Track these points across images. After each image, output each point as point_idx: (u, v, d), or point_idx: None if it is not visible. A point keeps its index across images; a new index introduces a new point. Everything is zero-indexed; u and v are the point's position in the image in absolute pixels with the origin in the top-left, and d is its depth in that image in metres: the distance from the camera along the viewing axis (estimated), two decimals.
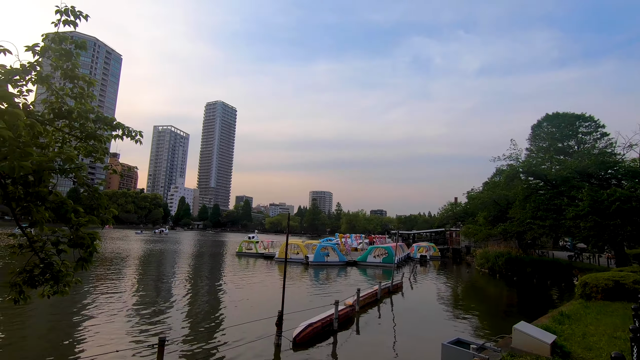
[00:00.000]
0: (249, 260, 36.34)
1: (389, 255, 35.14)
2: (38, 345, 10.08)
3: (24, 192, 3.25)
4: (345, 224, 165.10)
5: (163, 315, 13.47)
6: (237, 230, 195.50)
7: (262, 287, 21.19)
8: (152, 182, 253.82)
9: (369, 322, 13.66)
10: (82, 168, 3.55)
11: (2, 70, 3.47)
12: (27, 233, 3.44)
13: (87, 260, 3.76)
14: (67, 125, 4.29)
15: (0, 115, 2.73)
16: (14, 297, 3.54)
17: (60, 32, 3.95)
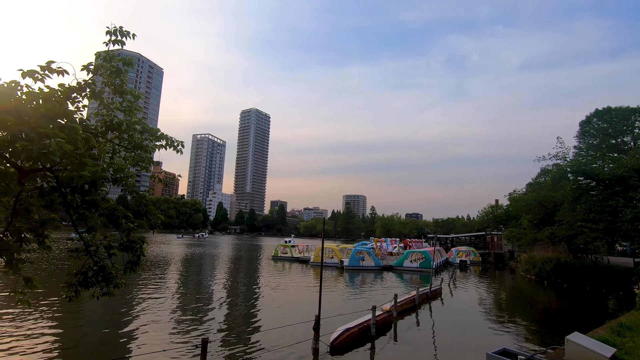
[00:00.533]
0: (284, 264, 36.78)
1: (426, 260, 34.16)
2: (91, 342, 10.80)
3: (80, 200, 3.51)
4: (380, 228, 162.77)
5: (204, 317, 13.94)
6: (273, 234, 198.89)
7: (298, 290, 21.35)
8: (192, 189, 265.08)
9: (408, 328, 13.32)
10: (132, 177, 3.76)
11: (62, 89, 3.78)
12: (83, 237, 3.68)
13: (136, 263, 3.97)
14: (117, 136, 4.59)
15: (62, 130, 2.97)
16: (69, 295, 3.82)
17: (110, 50, 4.26)
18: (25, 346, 9.66)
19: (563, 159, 26.85)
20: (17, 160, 2.96)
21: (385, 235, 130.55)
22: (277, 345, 10.00)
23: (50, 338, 10.56)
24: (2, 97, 2.96)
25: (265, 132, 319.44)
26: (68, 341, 10.57)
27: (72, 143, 3.09)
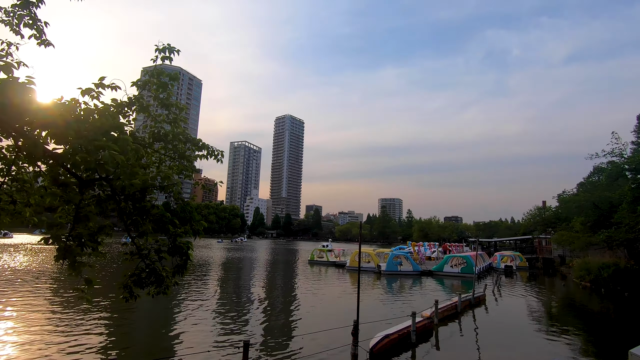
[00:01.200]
0: (320, 269, 36.86)
1: (468, 265, 32.77)
2: (140, 340, 11.43)
3: (132, 207, 3.75)
4: (418, 232, 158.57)
5: (244, 319, 14.29)
6: (308, 238, 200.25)
7: (334, 295, 21.29)
8: (230, 194, 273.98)
9: (450, 336, 12.82)
10: (178, 185, 3.96)
11: (114, 104, 4.08)
12: (136, 242, 3.92)
13: (184, 267, 4.16)
14: (163, 147, 4.87)
15: (115, 142, 3.20)
16: (125, 296, 4.07)
17: (157, 65, 4.55)
18: (85, 343, 10.42)
19: (619, 156, 24.74)
20: (77, 171, 3.22)
21: (423, 239, 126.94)
22: (316, 349, 10.01)
23: (104, 337, 11.31)
24: (65, 114, 3.24)
25: (299, 137, 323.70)
26: (120, 339, 11.26)
27: (124, 154, 3.31)
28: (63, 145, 3.18)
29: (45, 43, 4.31)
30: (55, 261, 3.59)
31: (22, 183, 4.34)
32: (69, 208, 4.09)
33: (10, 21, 3.84)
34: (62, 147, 3.19)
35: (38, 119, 3.02)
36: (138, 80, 4.31)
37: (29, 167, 4.19)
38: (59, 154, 3.18)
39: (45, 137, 3.14)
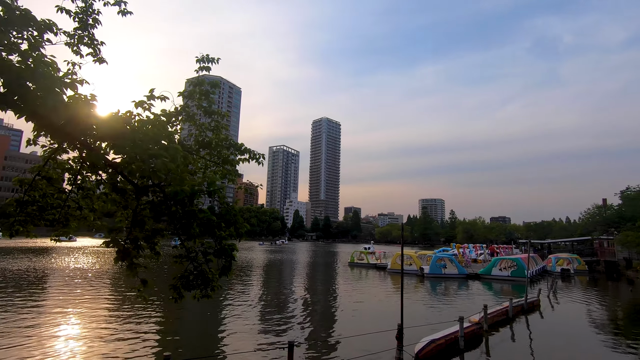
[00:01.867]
0: (361, 271, 36.53)
1: (518, 268, 30.86)
2: (188, 339, 11.98)
3: (182, 211, 3.95)
4: (462, 233, 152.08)
5: (286, 321, 14.50)
6: (347, 240, 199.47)
7: (376, 298, 20.98)
8: (270, 198, 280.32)
9: (501, 343, 12.13)
10: (223, 189, 4.11)
11: (163, 114, 4.33)
12: (185, 245, 4.12)
13: (228, 268, 4.31)
14: (208, 153, 5.09)
15: (166, 151, 3.40)
16: (174, 296, 4.29)
17: (199, 75, 4.77)
18: (139, 339, 11.13)
19: None
20: (134, 179, 3.45)
21: (467, 240, 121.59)
22: (360, 353, 9.89)
23: (156, 334, 12.00)
24: (121, 126, 3.50)
25: (336, 139, 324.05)
26: (171, 338, 11.90)
27: (174, 161, 3.51)
28: (121, 155, 3.43)
29: (100, 60, 4.69)
30: (115, 263, 3.88)
31: (86, 191, 4.73)
32: (126, 213, 4.41)
33: (72, 42, 4.20)
34: (120, 156, 3.45)
35: (99, 132, 3.28)
36: (184, 90, 4.55)
37: (92, 176, 4.56)
38: (117, 163, 3.43)
39: (106, 147, 3.41)
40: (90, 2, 4.31)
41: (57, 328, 12.06)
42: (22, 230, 4.37)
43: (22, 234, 4.34)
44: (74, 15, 4.29)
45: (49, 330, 11.71)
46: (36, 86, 2.71)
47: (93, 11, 4.34)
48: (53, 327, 12.09)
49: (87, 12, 4.31)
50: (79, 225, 4.90)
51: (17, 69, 2.56)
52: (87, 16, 4.34)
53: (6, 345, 10.06)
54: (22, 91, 2.66)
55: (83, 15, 4.32)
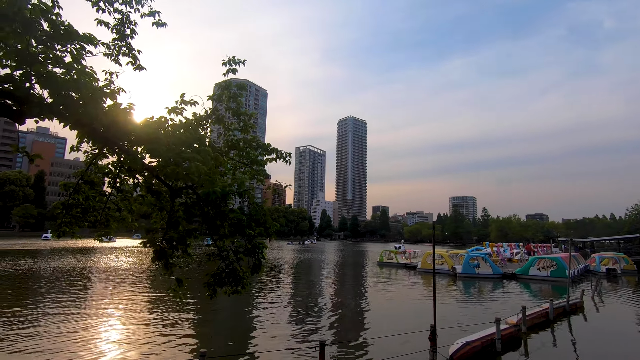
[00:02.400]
0: (390, 270, 36.06)
1: (558, 268, 29.31)
2: (221, 337, 12.31)
3: (213, 212, 4.06)
4: (495, 232, 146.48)
5: (316, 320, 14.56)
6: (376, 240, 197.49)
7: (407, 298, 20.64)
8: (298, 198, 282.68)
9: (541, 347, 11.56)
10: (252, 189, 4.19)
11: (194, 118, 4.47)
12: (218, 244, 4.22)
13: (259, 266, 4.38)
14: (237, 154, 5.20)
15: (198, 154, 3.51)
16: (210, 293, 4.41)
17: (227, 79, 4.88)
18: (173, 336, 11.57)
19: None
20: (168, 181, 3.59)
21: (501, 239, 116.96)
22: (392, 354, 9.76)
23: (190, 332, 12.42)
24: (155, 131, 3.64)
25: (362, 138, 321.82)
26: (204, 337, 12.28)
27: (205, 164, 3.62)
28: (156, 159, 3.58)
29: (139, 68, 4.92)
30: (152, 262, 4.05)
31: (124, 193, 4.98)
32: (162, 214, 4.59)
33: (111, 52, 4.43)
34: (155, 160, 3.60)
35: (135, 137, 3.44)
36: (213, 94, 4.68)
37: (129, 179, 4.79)
38: (153, 167, 3.58)
39: (142, 152, 3.57)
40: (127, 14, 4.53)
41: (99, 324, 12.77)
42: (68, 231, 4.66)
43: (68, 235, 4.63)
44: (112, 27, 4.52)
45: (91, 326, 12.43)
46: (79, 96, 2.87)
47: (130, 22, 4.55)
48: (95, 323, 12.82)
49: (124, 24, 4.53)
50: (119, 226, 5.16)
51: (62, 81, 2.72)
52: (125, 27, 4.56)
53: (52, 341, 10.77)
54: (67, 101, 2.83)
55: (120, 26, 4.54)
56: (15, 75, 2.72)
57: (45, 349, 9.97)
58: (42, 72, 2.67)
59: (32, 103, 2.69)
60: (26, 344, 10.31)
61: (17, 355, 9.48)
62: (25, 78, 2.67)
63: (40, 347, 10.05)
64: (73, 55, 2.89)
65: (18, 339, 10.71)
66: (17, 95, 2.71)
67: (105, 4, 4.42)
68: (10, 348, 9.94)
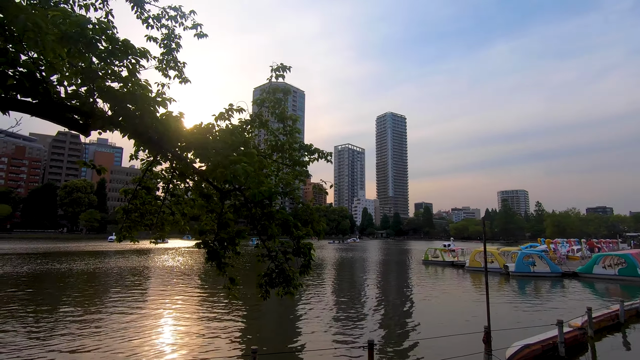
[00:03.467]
0: (436, 269, 34.90)
1: (628, 266, 26.63)
2: (269, 336, 12.61)
3: (261, 213, 4.15)
4: (551, 227, 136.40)
5: (362, 320, 14.44)
6: (419, 237, 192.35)
7: (455, 297, 19.83)
8: (338, 197, 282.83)
9: (611, 352, 10.57)
10: (298, 189, 4.22)
11: (240, 123, 4.60)
12: (266, 244, 4.31)
13: (307, 266, 4.41)
14: (280, 156, 5.28)
15: (244, 156, 3.60)
16: (262, 294, 4.52)
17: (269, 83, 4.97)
18: (224, 333, 12.04)
19: None
20: (218, 184, 3.72)
21: (558, 235, 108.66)
22: (444, 355, 9.43)
23: (239, 329, 12.85)
24: (204, 137, 3.79)
25: (402, 134, 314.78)
26: (253, 335, 12.65)
27: (251, 166, 3.71)
28: (205, 163, 3.72)
29: (184, 81, 5.17)
30: (206, 262, 4.23)
31: (177, 197, 5.26)
32: (212, 216, 4.78)
33: (161, 67, 4.70)
34: (205, 164, 3.75)
35: (186, 143, 3.60)
36: (257, 99, 4.79)
37: (181, 184, 5.05)
38: (203, 171, 3.73)
39: (192, 157, 3.74)
40: (173, 28, 4.77)
41: (155, 320, 13.63)
42: (128, 235, 5.03)
43: (128, 238, 4.99)
44: (160, 42, 4.78)
45: (147, 322, 13.30)
46: (135, 107, 3.06)
47: (175, 36, 4.79)
48: (152, 319, 13.70)
49: (170, 38, 4.78)
50: (172, 228, 5.47)
51: (120, 94, 2.91)
52: (171, 41, 4.80)
53: (110, 336, 11.67)
54: (125, 112, 3.02)
55: (167, 41, 4.79)
56: (80, 91, 2.96)
57: (107, 345, 10.83)
58: (103, 88, 2.87)
59: (96, 116, 2.91)
60: (91, 339, 11.27)
61: (85, 348, 10.38)
62: (90, 94, 2.89)
63: (101, 344, 10.93)
64: (129, 69, 3.08)
65: (85, 333, 11.74)
66: (83, 110, 2.94)
67: (153, 20, 4.70)
68: (77, 344, 10.91)
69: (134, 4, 4.47)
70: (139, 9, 4.54)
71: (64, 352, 9.96)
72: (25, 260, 34.64)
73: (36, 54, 2.61)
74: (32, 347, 10.28)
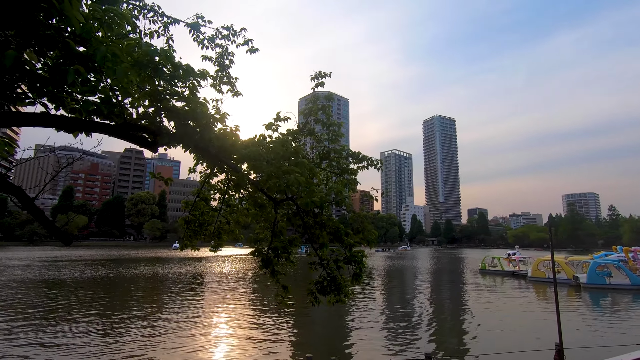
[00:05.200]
0: (495, 279, 32.70)
1: None
2: (319, 342, 12.58)
3: (312, 221, 4.20)
4: (629, 233, 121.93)
5: (415, 330, 13.90)
6: (474, 245, 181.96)
7: (518, 310, 18.38)
8: (385, 204, 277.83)
9: None
10: (349, 198, 4.22)
11: (288, 132, 4.73)
12: (318, 253, 4.34)
13: (359, 275, 4.37)
14: (328, 164, 5.33)
15: (296, 165, 3.68)
16: (311, 300, 4.55)
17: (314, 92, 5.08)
18: (277, 340, 12.25)
19: None
20: (271, 194, 3.84)
21: (639, 242, 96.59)
22: None
23: (290, 337, 12.99)
24: (257, 148, 3.95)
25: (451, 137, 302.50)
26: (302, 343, 12.72)
27: (302, 175, 3.78)
28: (259, 173, 3.87)
29: (237, 94, 5.46)
30: (260, 270, 4.36)
31: (232, 207, 5.51)
32: (265, 225, 4.94)
33: (215, 83, 5.00)
34: (258, 175, 3.90)
35: (241, 155, 3.78)
36: (304, 109, 4.90)
37: (235, 194, 5.30)
38: (257, 181, 3.88)
39: (247, 168, 3.91)
40: (226, 46, 5.06)
41: (211, 325, 14.26)
42: (189, 244, 5.36)
43: (189, 246, 5.31)
44: (214, 61, 5.10)
45: (203, 327, 13.94)
46: (195, 124, 3.29)
47: (228, 54, 5.08)
48: (208, 325, 14.35)
49: (223, 56, 5.07)
50: (229, 237, 5.73)
51: (183, 112, 3.15)
52: (224, 59, 5.10)
53: (167, 338, 12.37)
54: (186, 129, 3.26)
55: (221, 59, 5.09)
56: (149, 112, 3.25)
57: (165, 346, 11.52)
58: (168, 107, 3.12)
59: (162, 134, 3.16)
60: (153, 339, 12.07)
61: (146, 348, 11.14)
62: (157, 113, 3.15)
63: (159, 344, 11.65)
64: (190, 89, 3.33)
65: (148, 333, 12.60)
66: (151, 128, 3.22)
67: (208, 41, 5.03)
68: (140, 344, 11.74)
69: (191, 28, 4.81)
70: (195, 32, 4.87)
71: (131, 352, 10.77)
72: (103, 265, 38.35)
73: (111, 80, 2.92)
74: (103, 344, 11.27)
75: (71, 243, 3.58)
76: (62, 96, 2.87)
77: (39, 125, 2.80)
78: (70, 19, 2.38)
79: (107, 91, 2.93)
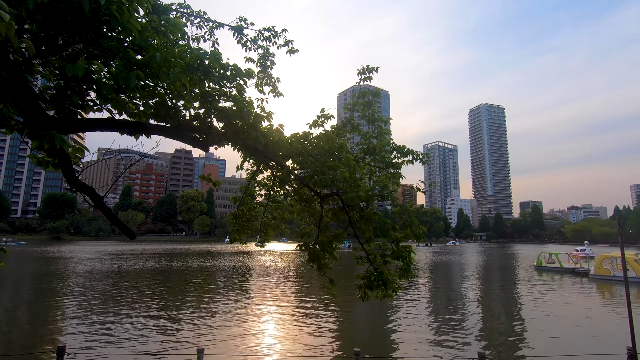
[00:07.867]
0: (553, 277, 30.50)
1: None
2: (366, 336, 12.54)
3: (358, 216, 4.18)
4: None
5: (468, 328, 13.38)
6: (528, 240, 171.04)
7: (581, 310, 17.01)
8: (430, 197, 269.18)
9: None
10: (395, 192, 4.15)
11: (332, 128, 4.73)
12: (365, 247, 4.32)
13: (407, 270, 4.28)
14: (372, 159, 5.26)
15: (340, 161, 3.68)
16: (361, 296, 4.54)
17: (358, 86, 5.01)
18: (321, 334, 12.40)
19: None
20: (317, 189, 3.87)
21: None
22: None
23: (334, 332, 13.08)
24: (302, 145, 3.99)
25: (500, 126, 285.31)
26: (347, 337, 12.75)
27: (348, 170, 3.77)
28: (304, 169, 3.93)
29: (278, 95, 5.56)
30: (307, 263, 4.44)
31: (277, 203, 5.65)
32: (310, 220, 5.00)
33: (258, 83, 5.13)
34: (303, 170, 3.95)
35: (286, 152, 3.85)
36: (348, 104, 4.87)
37: (280, 190, 5.42)
38: (302, 177, 3.93)
39: (292, 164, 3.98)
40: (267, 48, 5.16)
41: (259, 318, 14.75)
42: (238, 238, 5.57)
43: (238, 241, 5.52)
44: (256, 62, 5.22)
45: (251, 319, 14.46)
46: (243, 123, 3.39)
47: (269, 55, 5.18)
48: (255, 317, 14.86)
49: (265, 57, 5.18)
50: (275, 232, 5.88)
51: (231, 112, 3.27)
52: (266, 60, 5.21)
53: (217, 329, 12.95)
54: (234, 128, 3.37)
55: (263, 60, 5.20)
56: (199, 113, 3.41)
57: (213, 337, 12.10)
58: (217, 108, 3.26)
59: (213, 134, 3.31)
60: (204, 330, 12.74)
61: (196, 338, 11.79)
62: (207, 114, 3.30)
63: (206, 335, 12.25)
64: (237, 89, 3.44)
65: (201, 323, 13.32)
66: (202, 128, 3.38)
67: (251, 43, 5.15)
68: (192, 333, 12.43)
69: (234, 31, 4.96)
70: (239, 35, 5.01)
71: (182, 340, 11.48)
72: (166, 258, 41.32)
73: (166, 84, 3.10)
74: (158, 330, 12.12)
75: (135, 238, 3.88)
76: (123, 102, 3.12)
77: (106, 129, 3.05)
78: (130, 29, 2.55)
79: (163, 95, 3.13)
